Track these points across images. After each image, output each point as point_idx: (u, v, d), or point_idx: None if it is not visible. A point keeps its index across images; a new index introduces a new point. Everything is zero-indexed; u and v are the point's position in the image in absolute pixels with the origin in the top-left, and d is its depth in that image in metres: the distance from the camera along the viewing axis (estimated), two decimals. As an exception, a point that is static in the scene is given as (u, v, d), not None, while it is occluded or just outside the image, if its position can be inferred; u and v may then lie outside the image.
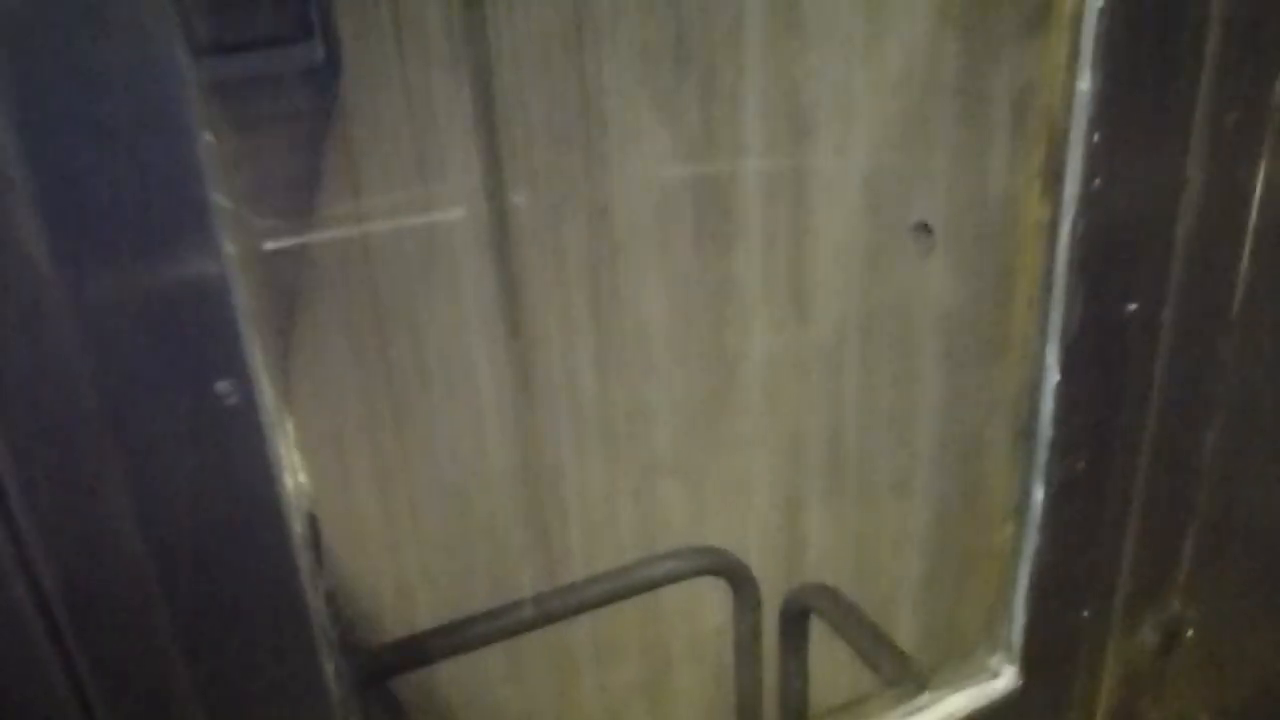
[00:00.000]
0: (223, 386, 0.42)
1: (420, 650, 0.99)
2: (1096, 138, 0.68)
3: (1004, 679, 0.83)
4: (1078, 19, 0.67)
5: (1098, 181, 0.69)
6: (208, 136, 0.40)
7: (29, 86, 0.36)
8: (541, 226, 1.05)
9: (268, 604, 0.48)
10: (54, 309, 0.39)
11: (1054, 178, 0.71)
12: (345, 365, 1.01)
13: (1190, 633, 0.94)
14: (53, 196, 0.38)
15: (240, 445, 0.43)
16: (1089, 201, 0.70)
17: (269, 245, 0.91)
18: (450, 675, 1.10)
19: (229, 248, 0.41)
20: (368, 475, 1.08)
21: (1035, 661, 0.83)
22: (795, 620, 1.23)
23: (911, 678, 0.98)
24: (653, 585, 1.23)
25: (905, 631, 1.14)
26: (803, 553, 1.31)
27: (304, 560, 0.48)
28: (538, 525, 1.27)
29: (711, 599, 1.28)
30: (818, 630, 1.20)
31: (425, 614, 1.13)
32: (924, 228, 0.94)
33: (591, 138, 1.07)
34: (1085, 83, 0.67)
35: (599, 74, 1.05)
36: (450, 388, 1.11)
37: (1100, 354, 0.75)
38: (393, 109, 0.96)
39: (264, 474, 0.45)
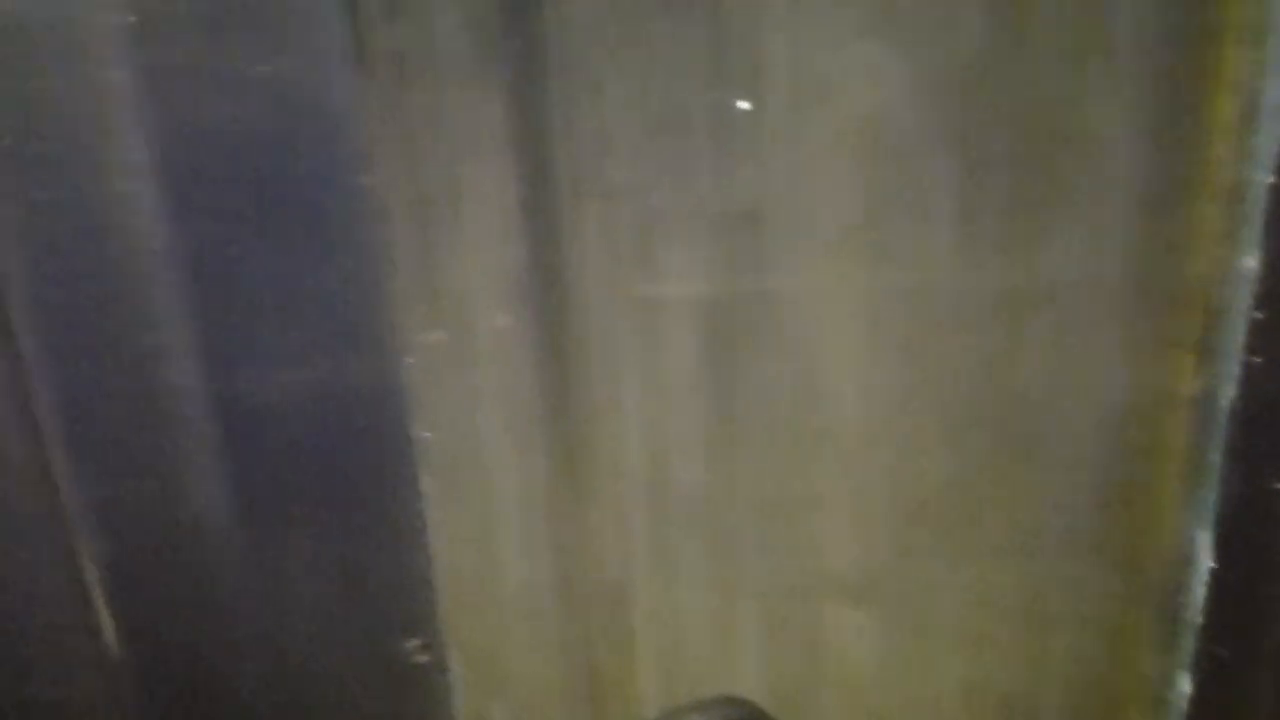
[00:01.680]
0: (413, 645, 0.36)
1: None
2: (1260, 315, 0.65)
3: None
4: (1238, 192, 0.64)
5: (1258, 359, 0.66)
6: (412, 429, 0.35)
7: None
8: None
9: None
10: (229, 565, 0.34)
11: (1209, 352, 0.67)
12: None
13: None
14: (236, 445, 0.33)
15: (425, 709, 0.37)
16: (1249, 377, 0.66)
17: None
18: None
19: (428, 485, 0.36)
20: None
21: None
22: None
23: None
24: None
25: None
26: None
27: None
28: (584, 656, 1.16)
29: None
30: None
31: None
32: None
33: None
34: (1251, 260, 0.64)
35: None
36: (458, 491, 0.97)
37: (1254, 536, 0.71)
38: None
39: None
